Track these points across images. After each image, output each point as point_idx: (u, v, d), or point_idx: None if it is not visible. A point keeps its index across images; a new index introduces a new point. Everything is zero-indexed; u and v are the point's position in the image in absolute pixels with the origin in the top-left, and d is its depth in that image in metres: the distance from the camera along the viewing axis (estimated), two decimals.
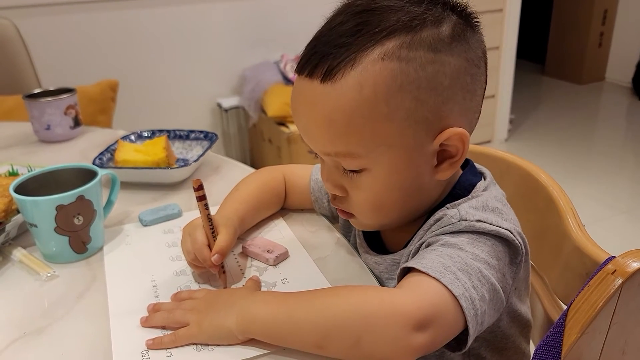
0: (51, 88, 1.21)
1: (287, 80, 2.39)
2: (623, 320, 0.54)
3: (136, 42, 2.32)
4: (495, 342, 0.64)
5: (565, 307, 0.56)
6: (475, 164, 0.68)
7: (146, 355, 0.54)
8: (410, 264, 0.53)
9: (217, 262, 0.63)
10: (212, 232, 0.65)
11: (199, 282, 0.66)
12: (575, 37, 3.99)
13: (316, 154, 0.62)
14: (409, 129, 0.55)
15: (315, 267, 0.68)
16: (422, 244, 0.59)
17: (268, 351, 0.54)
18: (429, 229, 0.60)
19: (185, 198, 0.89)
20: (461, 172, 0.65)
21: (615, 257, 0.53)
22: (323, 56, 0.55)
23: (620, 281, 0.51)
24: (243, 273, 0.68)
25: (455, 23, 0.56)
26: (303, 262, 0.70)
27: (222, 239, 0.65)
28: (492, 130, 3.02)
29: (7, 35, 1.73)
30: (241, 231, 0.73)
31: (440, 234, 0.57)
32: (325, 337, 0.51)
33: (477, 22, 0.60)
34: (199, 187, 0.64)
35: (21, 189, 0.70)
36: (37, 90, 1.20)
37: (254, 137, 2.59)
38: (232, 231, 0.67)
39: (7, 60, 1.74)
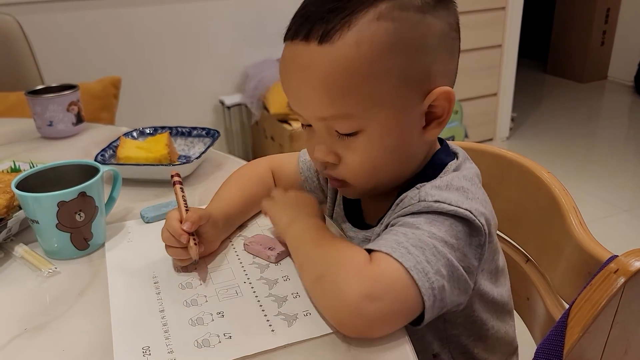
0: (54, 84, 1.21)
1: None
2: (625, 319, 0.54)
3: (139, 39, 2.32)
4: (474, 328, 0.64)
5: (567, 306, 0.56)
6: (450, 143, 0.69)
7: (147, 351, 0.54)
8: (369, 246, 0.56)
9: (188, 229, 0.65)
10: (186, 210, 0.68)
11: (200, 280, 0.66)
12: (578, 35, 3.99)
13: (305, 126, 0.64)
14: (402, 89, 0.58)
15: None
16: (385, 226, 0.61)
17: (270, 348, 0.54)
18: (395, 209, 0.62)
19: (188, 194, 0.88)
20: (437, 148, 0.67)
21: (617, 256, 0.53)
22: (317, 19, 0.57)
23: (622, 280, 0.51)
24: (244, 270, 0.68)
25: None
26: None
27: (191, 212, 0.67)
28: (494, 128, 3.02)
29: (9, 31, 1.73)
30: (231, 228, 0.75)
31: (400, 216, 0.59)
32: (302, 269, 0.61)
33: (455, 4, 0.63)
34: (177, 175, 0.71)
35: (23, 185, 0.70)
36: (39, 87, 1.21)
37: (256, 135, 2.59)
38: (206, 213, 0.69)
39: (9, 57, 1.74)
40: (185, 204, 0.69)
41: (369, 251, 0.56)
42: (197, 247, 0.65)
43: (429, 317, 0.54)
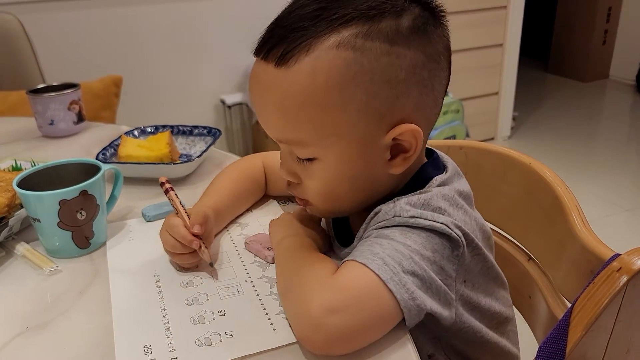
0: (55, 83, 1.21)
1: None
2: (628, 318, 0.53)
3: (140, 38, 2.31)
4: (467, 336, 0.63)
5: (569, 305, 0.55)
6: (441, 154, 0.67)
7: (148, 349, 0.54)
8: (345, 259, 0.55)
9: (200, 232, 0.65)
10: (187, 214, 0.68)
11: (209, 275, 0.66)
12: (579, 34, 3.98)
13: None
14: (361, 121, 0.55)
15: None
16: (359, 240, 0.60)
17: (272, 347, 0.54)
18: (368, 223, 0.60)
19: (189, 193, 0.88)
20: (424, 161, 0.64)
21: (620, 254, 0.53)
22: (279, 39, 0.55)
23: (625, 279, 0.50)
24: (246, 268, 0.68)
25: (417, 16, 0.56)
26: None
27: (195, 215, 0.67)
28: (495, 127, 3.02)
29: (11, 30, 1.73)
30: (221, 224, 0.75)
31: (375, 229, 0.57)
32: (286, 292, 0.58)
33: (442, 15, 0.59)
34: (167, 181, 0.71)
35: (24, 184, 0.70)
36: (40, 86, 1.21)
37: (257, 134, 2.59)
38: (202, 213, 0.68)
39: (11, 56, 1.74)
40: (184, 207, 0.69)
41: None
42: (208, 249, 0.66)
43: (411, 324, 0.53)
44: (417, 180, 0.62)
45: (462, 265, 0.57)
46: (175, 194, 0.70)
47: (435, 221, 0.55)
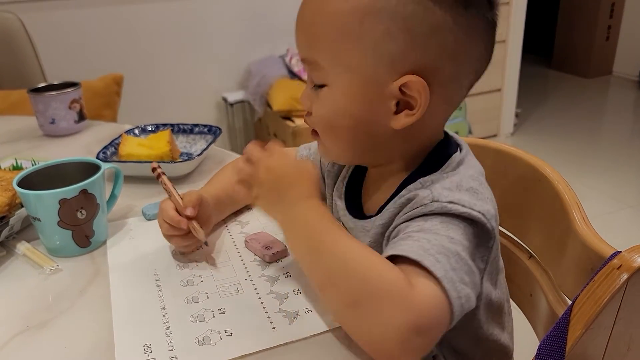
0: (56, 82, 1.21)
1: (293, 75, 2.39)
2: (628, 315, 0.53)
3: (141, 36, 2.32)
4: (471, 330, 0.63)
5: (570, 302, 0.55)
6: (453, 135, 0.67)
7: (148, 348, 0.54)
8: (393, 251, 0.52)
9: (192, 214, 0.67)
10: (180, 197, 0.69)
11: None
12: (583, 30, 3.97)
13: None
14: (372, 59, 0.56)
15: None
16: (394, 227, 0.58)
17: (271, 345, 0.54)
18: (401, 208, 0.59)
19: None
20: (441, 138, 0.64)
21: (621, 252, 0.53)
22: None
23: (625, 276, 0.50)
24: (246, 267, 0.68)
25: None
26: None
27: (188, 196, 0.69)
28: (498, 124, 3.01)
29: (12, 29, 1.74)
30: (221, 213, 0.77)
31: (412, 217, 0.56)
32: (326, 288, 0.53)
33: (496, 14, 0.59)
34: (158, 166, 0.73)
35: (25, 183, 0.70)
36: (41, 85, 1.21)
37: (260, 132, 2.59)
38: (196, 195, 0.70)
39: (12, 55, 1.74)
40: (177, 192, 0.71)
41: (392, 257, 0.52)
42: (203, 229, 0.67)
43: (451, 325, 0.51)
44: (435, 157, 0.62)
45: (490, 256, 0.58)
46: (167, 178, 0.72)
47: (472, 209, 0.55)
